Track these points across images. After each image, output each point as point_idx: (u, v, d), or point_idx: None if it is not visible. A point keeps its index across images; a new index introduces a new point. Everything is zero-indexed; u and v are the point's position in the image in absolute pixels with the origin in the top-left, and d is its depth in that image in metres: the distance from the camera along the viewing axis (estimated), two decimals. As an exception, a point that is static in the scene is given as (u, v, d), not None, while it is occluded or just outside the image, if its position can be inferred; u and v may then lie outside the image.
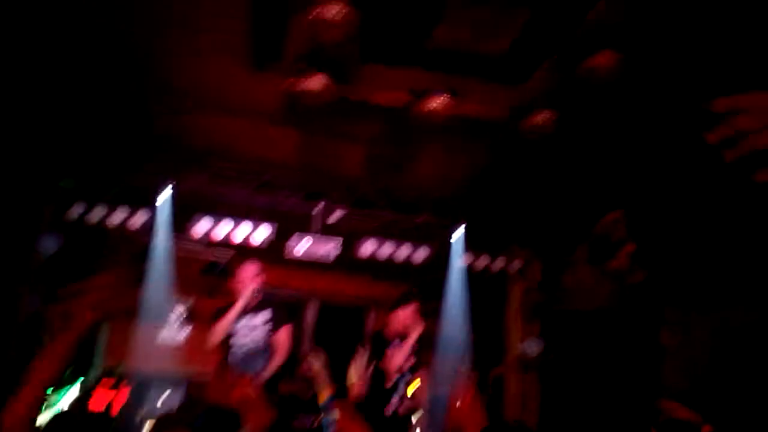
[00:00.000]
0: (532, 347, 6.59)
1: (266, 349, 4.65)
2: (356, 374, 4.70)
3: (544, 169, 5.40)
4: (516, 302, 6.99)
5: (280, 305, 4.94)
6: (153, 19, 3.90)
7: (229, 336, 4.59)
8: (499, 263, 6.49)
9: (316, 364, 4.58)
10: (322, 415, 4.67)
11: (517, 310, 7.00)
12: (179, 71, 4.48)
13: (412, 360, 4.90)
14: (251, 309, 4.69)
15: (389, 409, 4.78)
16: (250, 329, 4.66)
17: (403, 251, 6.20)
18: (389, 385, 4.79)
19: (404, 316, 4.94)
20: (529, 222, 6.37)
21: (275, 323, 4.71)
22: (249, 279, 4.66)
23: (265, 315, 4.72)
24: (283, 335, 4.68)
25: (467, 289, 6.59)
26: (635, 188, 5.22)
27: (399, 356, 4.77)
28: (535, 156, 5.09)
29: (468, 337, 6.72)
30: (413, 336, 4.80)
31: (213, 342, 4.56)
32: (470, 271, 6.53)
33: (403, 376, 4.87)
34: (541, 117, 4.35)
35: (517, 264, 6.57)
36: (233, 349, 4.61)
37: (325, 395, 4.74)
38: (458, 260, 6.33)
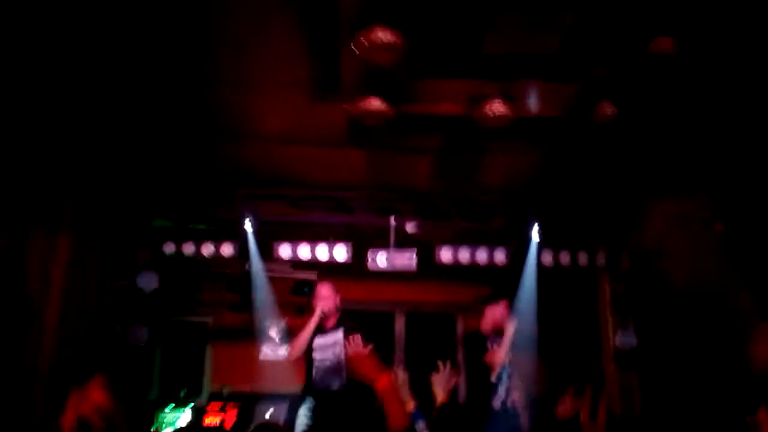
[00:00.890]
0: (628, 340, 6.37)
1: (343, 366, 4.84)
2: (439, 385, 4.82)
3: (613, 160, 5.25)
4: (606, 296, 6.79)
5: (366, 319, 5.18)
6: (223, 64, 4.19)
7: (311, 352, 4.88)
8: (582, 258, 6.34)
9: (399, 378, 4.75)
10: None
11: (608, 303, 6.80)
12: (250, 109, 4.76)
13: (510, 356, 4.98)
14: (329, 329, 4.95)
15: (497, 402, 4.86)
16: (328, 346, 4.92)
17: (480, 255, 6.20)
18: (493, 378, 4.88)
19: (495, 313, 5.05)
20: (609, 213, 6.19)
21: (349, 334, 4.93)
22: (321, 299, 4.96)
23: (340, 333, 4.92)
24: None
25: (552, 287, 6.50)
26: (717, 168, 4.99)
27: (501, 350, 4.86)
28: (604, 147, 4.97)
29: (539, 334, 6.59)
30: (508, 332, 4.86)
31: (290, 357, 4.95)
32: (556, 269, 6.44)
33: (504, 369, 4.94)
34: (605, 109, 4.25)
35: (601, 257, 6.38)
36: (315, 365, 4.90)
37: (409, 408, 4.87)
38: (533, 259, 6.25)
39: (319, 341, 4.92)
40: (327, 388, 4.88)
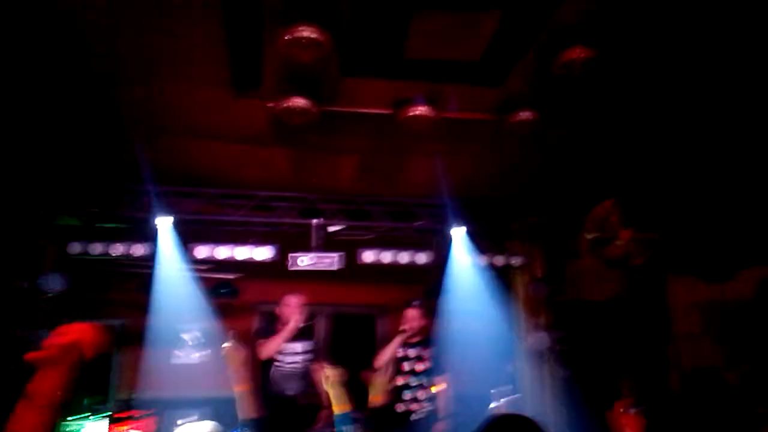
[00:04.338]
0: (542, 340, 6.60)
1: (303, 375, 5.20)
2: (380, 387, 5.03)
3: (534, 164, 5.43)
4: (521, 297, 7.01)
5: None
6: (135, 57, 3.98)
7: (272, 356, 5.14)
8: (500, 260, 6.50)
9: (332, 379, 4.87)
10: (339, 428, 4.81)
11: (524, 303, 7.02)
12: (165, 104, 4.53)
13: (427, 363, 5.20)
14: (294, 337, 5.19)
15: (400, 407, 4.97)
16: (291, 354, 5.21)
17: (404, 257, 6.24)
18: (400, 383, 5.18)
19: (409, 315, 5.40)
20: (526, 216, 6.39)
21: (315, 354, 5.31)
22: (294, 308, 5.21)
23: (306, 345, 5.28)
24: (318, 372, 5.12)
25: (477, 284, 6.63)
26: (627, 175, 5.26)
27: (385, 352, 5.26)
28: (525, 151, 5.12)
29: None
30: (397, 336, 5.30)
31: (261, 357, 5.11)
32: (473, 269, 6.58)
33: (417, 376, 5.04)
34: (524, 114, 4.37)
35: (518, 259, 6.58)
36: (275, 367, 5.17)
37: (340, 410, 4.88)
38: (460, 261, 6.38)
39: (285, 347, 5.17)
40: (282, 393, 5.15)
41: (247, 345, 5.14)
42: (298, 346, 5.23)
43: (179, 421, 6.52)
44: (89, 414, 6.00)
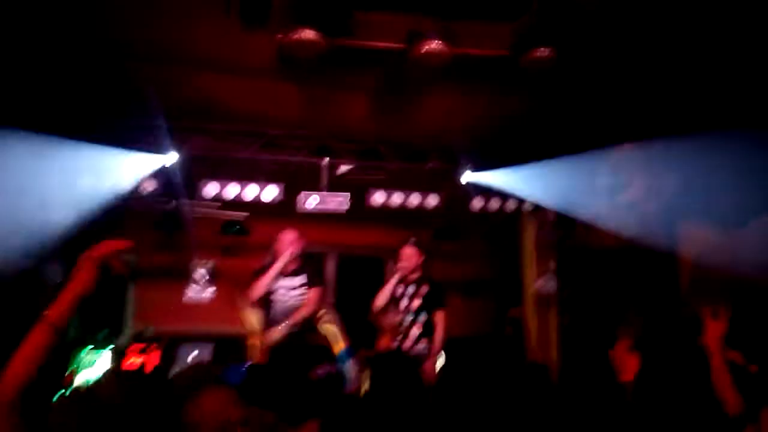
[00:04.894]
0: (548, 284, 6.62)
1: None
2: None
3: (549, 105, 5.28)
4: (530, 241, 6.99)
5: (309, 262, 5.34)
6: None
7: (269, 294, 5.08)
8: (511, 204, 6.44)
9: (328, 320, 4.89)
10: (340, 365, 4.89)
11: (532, 248, 7.00)
12: (172, 34, 4.42)
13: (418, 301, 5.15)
14: (291, 272, 5.13)
15: (397, 345, 5.11)
16: (288, 289, 5.13)
17: (414, 199, 6.19)
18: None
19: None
20: (539, 159, 6.26)
21: (310, 284, 5.17)
22: (287, 244, 5.09)
23: (302, 278, 5.17)
24: (313, 294, 5.13)
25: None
26: (643, 117, 5.11)
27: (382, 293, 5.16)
28: (540, 91, 4.97)
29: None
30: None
31: (253, 297, 5.06)
32: (484, 213, 6.54)
33: (412, 314, 5.13)
34: (541, 51, 4.22)
35: (529, 203, 6.51)
36: (273, 305, 5.12)
37: (339, 348, 4.95)
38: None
39: (283, 283, 5.11)
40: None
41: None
42: (297, 281, 5.17)
43: (190, 357, 6.73)
44: (95, 346, 6.17)
